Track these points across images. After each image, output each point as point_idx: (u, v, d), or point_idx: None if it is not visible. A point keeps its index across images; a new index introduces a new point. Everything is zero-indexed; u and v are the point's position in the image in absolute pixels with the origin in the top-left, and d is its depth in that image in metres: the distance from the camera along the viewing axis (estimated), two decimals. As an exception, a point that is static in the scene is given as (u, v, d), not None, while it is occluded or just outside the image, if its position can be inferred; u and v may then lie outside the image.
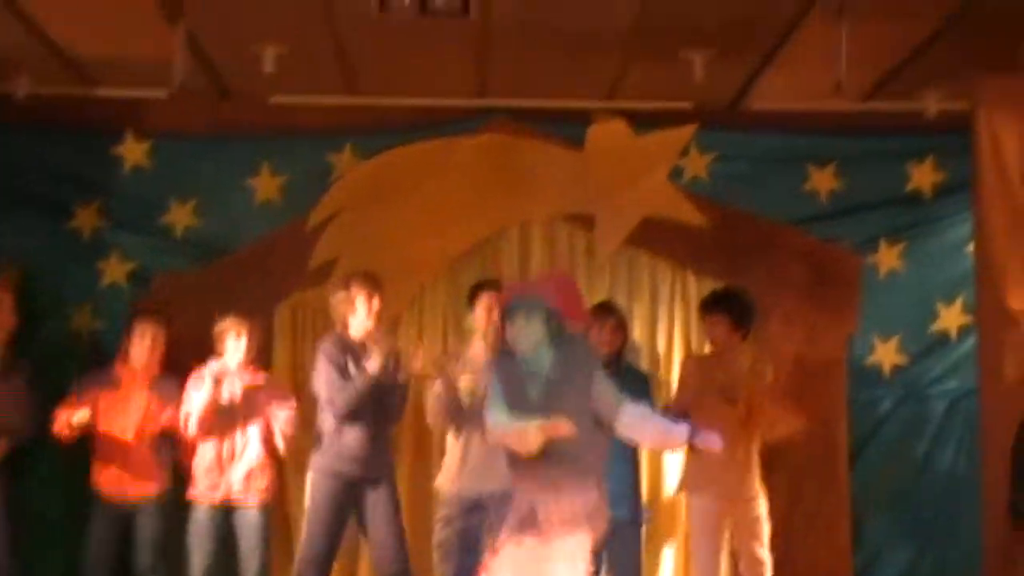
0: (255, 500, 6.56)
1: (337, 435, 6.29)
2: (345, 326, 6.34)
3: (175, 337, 6.80)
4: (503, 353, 5.26)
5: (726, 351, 6.61)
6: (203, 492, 6.54)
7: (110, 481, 6.59)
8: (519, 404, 5.06)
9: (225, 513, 6.54)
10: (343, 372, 6.22)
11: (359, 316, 6.32)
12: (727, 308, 6.62)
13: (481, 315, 6.30)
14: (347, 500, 6.32)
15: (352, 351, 6.28)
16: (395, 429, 6.62)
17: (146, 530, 6.61)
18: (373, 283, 6.37)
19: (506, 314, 5.14)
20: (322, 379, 6.27)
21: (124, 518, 6.60)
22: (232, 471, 6.52)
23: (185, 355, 6.72)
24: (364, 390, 6.19)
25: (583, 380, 5.05)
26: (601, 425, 5.04)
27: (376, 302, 6.34)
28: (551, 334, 5.09)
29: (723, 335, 6.60)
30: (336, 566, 6.63)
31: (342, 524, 6.38)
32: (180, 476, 6.65)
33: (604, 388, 5.05)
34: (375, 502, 6.32)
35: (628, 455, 6.32)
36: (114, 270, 7.35)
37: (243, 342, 6.54)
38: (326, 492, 6.29)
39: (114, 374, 6.67)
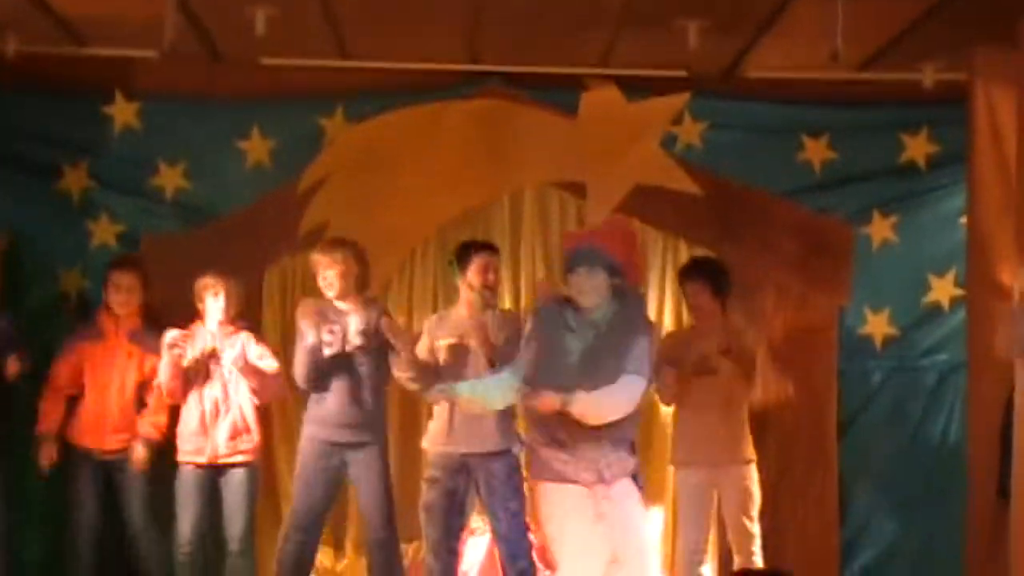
0: (241, 460, 6.56)
1: (316, 402, 6.37)
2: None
3: (163, 299, 6.81)
4: (548, 304, 5.26)
5: (704, 321, 6.59)
6: (189, 454, 6.54)
7: (89, 431, 6.59)
8: (555, 357, 5.06)
9: (212, 474, 6.55)
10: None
11: (324, 282, 6.36)
12: (708, 275, 6.62)
13: (474, 276, 6.28)
14: (332, 464, 6.36)
15: (325, 316, 6.33)
16: (384, 391, 6.58)
17: (132, 491, 6.61)
18: (336, 248, 6.37)
19: (568, 263, 5.13)
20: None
21: (105, 471, 6.60)
22: (216, 432, 6.53)
23: (174, 318, 6.71)
24: (309, 363, 6.28)
25: (628, 340, 5.06)
26: None
27: (339, 269, 6.33)
28: (612, 289, 5.09)
29: (706, 302, 6.58)
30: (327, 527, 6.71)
31: (329, 487, 6.43)
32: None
33: (636, 352, 5.04)
34: (360, 466, 6.36)
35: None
36: (103, 231, 7.32)
37: (220, 300, 6.53)
38: (310, 455, 6.37)
39: (96, 326, 6.72)
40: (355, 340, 6.28)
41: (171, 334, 6.45)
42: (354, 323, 6.29)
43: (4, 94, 7.14)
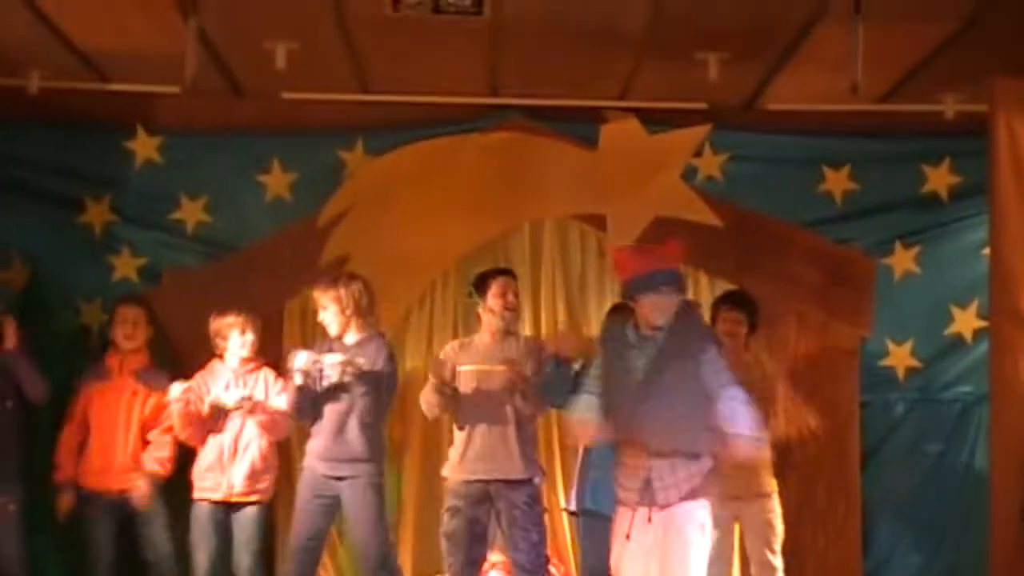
0: (255, 499, 6.57)
1: (313, 435, 6.42)
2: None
3: (183, 332, 6.83)
4: (612, 328, 5.29)
5: (729, 352, 6.55)
6: (205, 491, 6.54)
7: (96, 472, 6.60)
8: (620, 375, 5.10)
9: (226, 510, 6.55)
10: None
11: (326, 319, 6.41)
12: (744, 306, 6.60)
13: (495, 300, 6.30)
14: (325, 495, 6.34)
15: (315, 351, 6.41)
16: (379, 418, 6.50)
17: (148, 526, 6.62)
18: (326, 284, 6.40)
19: (642, 284, 5.16)
20: None
21: (117, 510, 6.59)
22: (234, 470, 6.53)
23: (193, 351, 6.73)
24: (294, 401, 6.38)
25: (694, 352, 5.11)
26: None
27: (334, 307, 6.35)
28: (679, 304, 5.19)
29: (739, 333, 6.55)
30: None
31: (322, 518, 6.39)
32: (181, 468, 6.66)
33: (713, 364, 5.11)
34: (350, 499, 6.33)
35: None
36: (125, 265, 7.34)
37: (246, 336, 6.54)
38: (306, 486, 6.39)
39: (104, 365, 6.76)
40: (329, 373, 6.28)
41: (175, 390, 6.44)
42: (330, 358, 6.29)
43: (28, 128, 7.21)
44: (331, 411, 6.32)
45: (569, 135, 7.38)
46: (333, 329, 6.39)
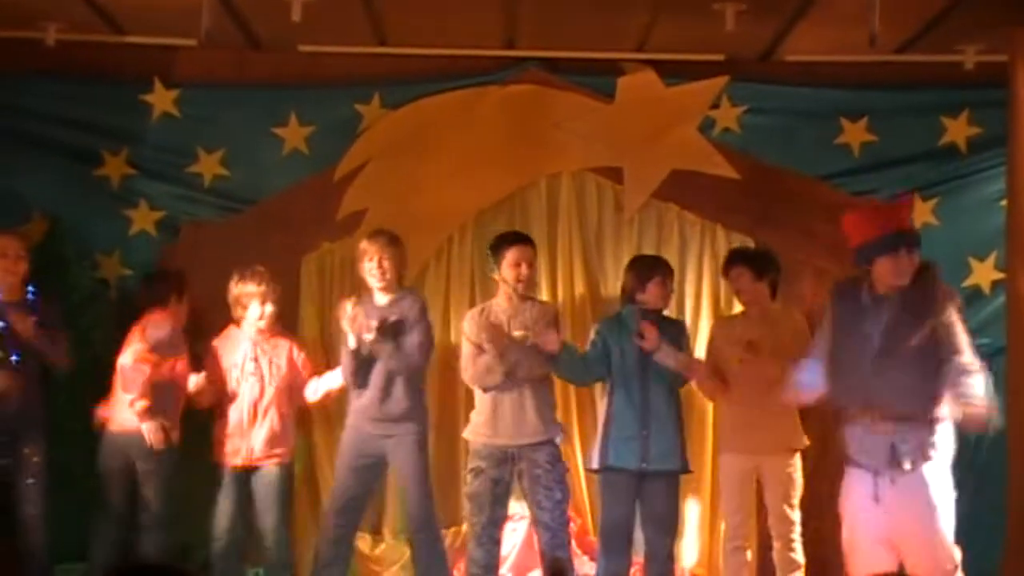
0: (275, 462, 6.63)
1: (356, 395, 6.48)
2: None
3: (201, 287, 6.83)
4: (843, 291, 5.26)
5: (751, 306, 6.59)
6: (226, 456, 6.61)
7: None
8: (853, 341, 5.06)
9: (247, 474, 6.62)
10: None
11: (367, 275, 6.44)
12: (746, 259, 6.62)
13: (508, 271, 6.34)
14: (370, 454, 6.42)
15: (369, 312, 6.40)
16: (420, 377, 6.60)
17: (147, 487, 6.56)
18: (382, 241, 6.41)
19: (884, 245, 5.11)
20: None
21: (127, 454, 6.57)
22: (253, 436, 6.59)
23: (211, 305, 6.75)
24: (351, 365, 6.42)
25: (933, 313, 5.06)
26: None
27: (384, 262, 6.40)
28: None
29: (747, 286, 6.56)
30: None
31: (367, 476, 6.50)
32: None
33: (951, 327, 5.07)
34: (397, 454, 6.39)
35: (674, 408, 6.38)
36: (142, 219, 7.35)
37: (268, 309, 6.58)
38: (349, 445, 6.47)
39: None
40: (367, 336, 6.32)
41: (192, 382, 6.54)
42: (371, 317, 6.34)
43: (45, 81, 7.21)
44: (377, 371, 6.36)
45: (586, 88, 7.35)
46: (378, 283, 6.41)
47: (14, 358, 6.39)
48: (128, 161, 7.34)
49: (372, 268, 6.44)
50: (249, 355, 6.65)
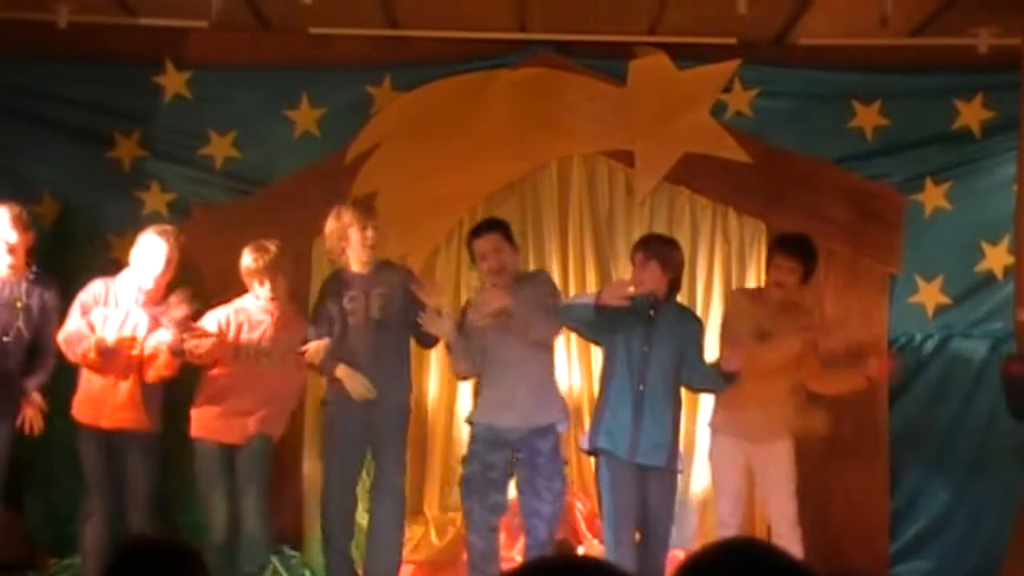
0: (259, 437, 6.42)
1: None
2: (345, 259, 6.39)
3: (213, 268, 6.83)
4: None
5: (778, 294, 6.40)
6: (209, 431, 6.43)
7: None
8: None
9: (231, 450, 6.44)
10: (326, 315, 6.35)
11: (354, 248, 6.34)
12: (806, 257, 6.38)
13: (479, 264, 6.26)
14: (360, 431, 6.32)
15: (347, 287, 6.33)
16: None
17: (134, 473, 6.40)
18: (366, 213, 6.36)
19: None
20: None
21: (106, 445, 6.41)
22: (241, 411, 6.41)
23: (223, 287, 6.75)
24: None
25: None
26: None
27: (370, 233, 6.31)
28: None
29: (792, 282, 6.36)
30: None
31: (360, 448, 6.40)
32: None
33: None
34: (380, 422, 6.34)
35: (671, 402, 6.19)
36: (154, 200, 7.36)
37: (266, 289, 6.47)
38: (338, 423, 6.36)
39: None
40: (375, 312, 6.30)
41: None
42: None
43: (57, 63, 7.22)
44: (357, 353, 6.32)
45: (598, 71, 7.34)
46: (355, 264, 6.36)
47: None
48: (140, 143, 7.36)
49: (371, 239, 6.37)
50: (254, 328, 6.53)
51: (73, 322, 6.32)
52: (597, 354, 6.70)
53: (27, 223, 6.39)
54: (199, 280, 6.96)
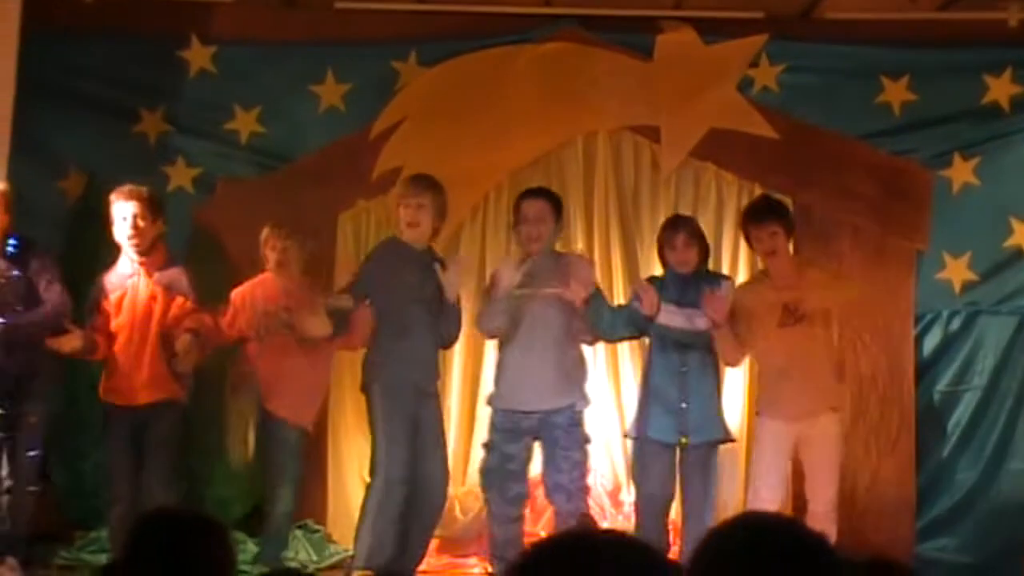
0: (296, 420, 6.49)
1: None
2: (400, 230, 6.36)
3: (238, 244, 6.84)
4: None
5: (780, 266, 6.35)
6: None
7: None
8: None
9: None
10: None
11: (403, 222, 6.30)
12: (780, 215, 6.36)
13: (517, 229, 6.28)
14: (414, 406, 6.22)
15: (404, 257, 6.26)
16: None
17: (158, 442, 6.34)
18: (404, 190, 6.33)
19: None
20: None
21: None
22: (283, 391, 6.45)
23: (247, 262, 6.76)
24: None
25: None
26: None
27: (403, 211, 6.27)
28: None
29: (781, 246, 6.33)
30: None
31: (412, 429, 6.26)
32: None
33: None
34: (429, 413, 6.30)
35: (713, 377, 6.25)
36: (179, 175, 7.36)
37: (274, 256, 6.48)
38: (398, 400, 6.20)
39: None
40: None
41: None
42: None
43: (83, 37, 7.23)
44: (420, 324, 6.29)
45: (624, 46, 7.30)
46: (416, 233, 6.30)
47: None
48: (165, 118, 7.35)
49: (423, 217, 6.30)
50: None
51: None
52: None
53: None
54: (222, 255, 6.99)
